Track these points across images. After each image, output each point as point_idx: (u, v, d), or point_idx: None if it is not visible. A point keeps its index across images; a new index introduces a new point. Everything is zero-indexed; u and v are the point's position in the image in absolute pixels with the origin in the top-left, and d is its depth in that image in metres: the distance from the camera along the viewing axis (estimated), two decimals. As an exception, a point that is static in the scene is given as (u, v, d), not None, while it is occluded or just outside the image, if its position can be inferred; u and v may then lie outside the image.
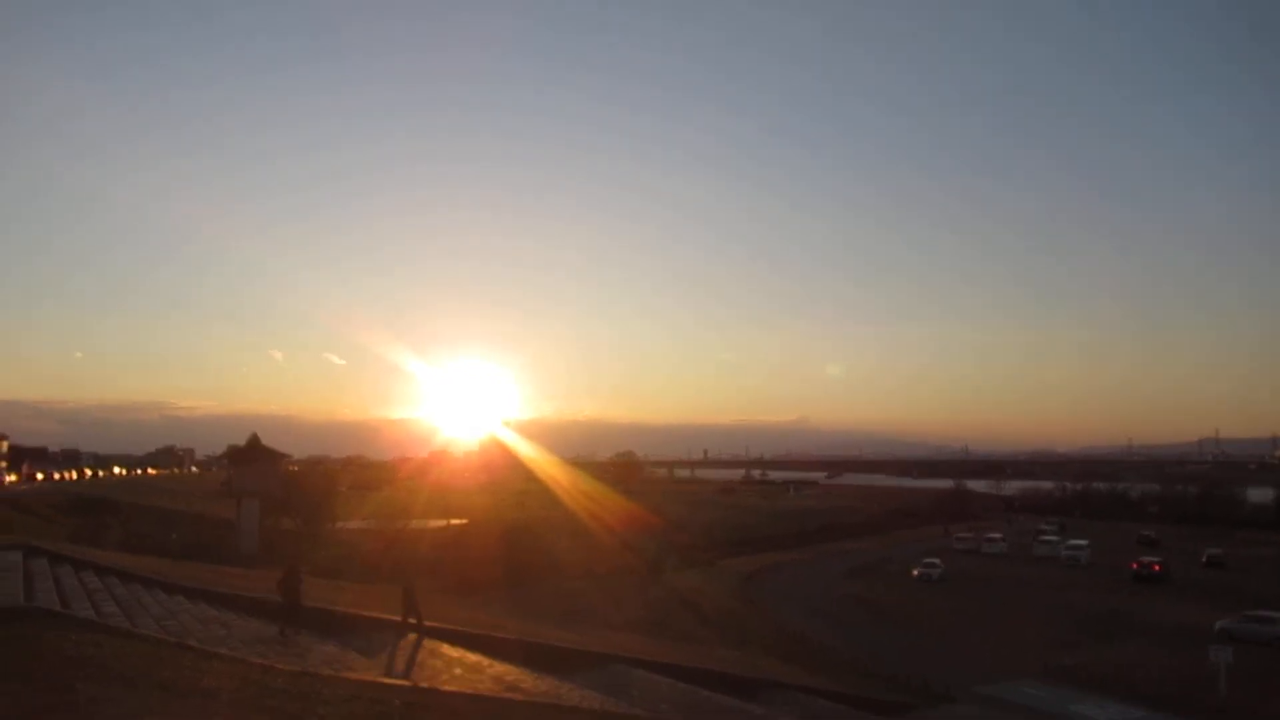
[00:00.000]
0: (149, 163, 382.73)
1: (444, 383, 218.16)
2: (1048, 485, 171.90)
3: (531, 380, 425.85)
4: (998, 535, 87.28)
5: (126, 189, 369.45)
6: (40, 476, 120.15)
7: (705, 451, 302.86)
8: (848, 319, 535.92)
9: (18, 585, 13.40)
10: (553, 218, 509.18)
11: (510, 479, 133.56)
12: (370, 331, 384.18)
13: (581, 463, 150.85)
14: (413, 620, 18.96)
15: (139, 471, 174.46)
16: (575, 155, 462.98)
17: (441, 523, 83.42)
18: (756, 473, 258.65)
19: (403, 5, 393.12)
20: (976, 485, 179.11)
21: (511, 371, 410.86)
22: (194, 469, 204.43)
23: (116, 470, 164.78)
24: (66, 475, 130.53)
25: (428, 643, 18.48)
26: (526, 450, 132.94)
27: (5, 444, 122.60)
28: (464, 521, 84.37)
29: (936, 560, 66.24)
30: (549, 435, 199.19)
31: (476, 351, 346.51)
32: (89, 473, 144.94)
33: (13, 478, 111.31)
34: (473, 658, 17.70)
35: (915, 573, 63.95)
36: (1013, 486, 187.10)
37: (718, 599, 55.69)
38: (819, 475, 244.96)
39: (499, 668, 17.09)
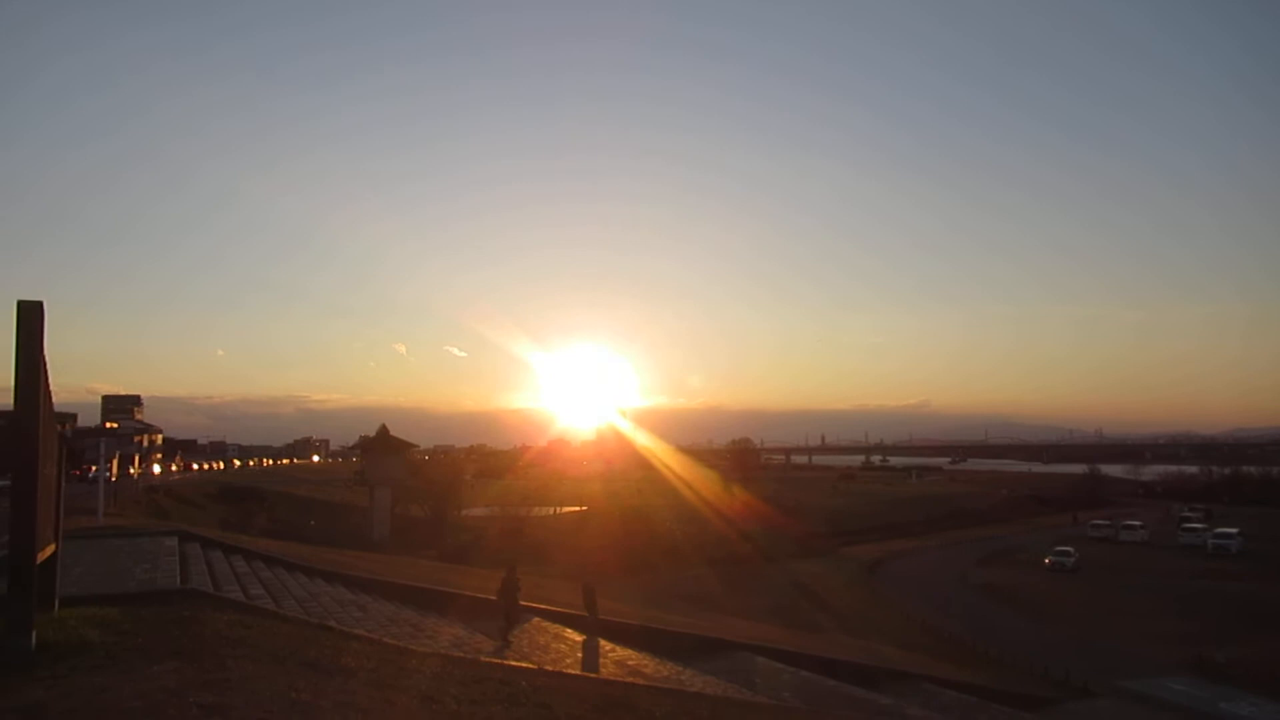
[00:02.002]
0: (279, 160, 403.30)
1: (561, 372, 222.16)
2: (1191, 470, 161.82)
3: (648, 368, 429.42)
4: (1137, 523, 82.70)
5: (256, 186, 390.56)
6: (195, 467, 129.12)
7: (823, 437, 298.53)
8: (966, 301, 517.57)
9: (175, 568, 14.34)
10: (669, 209, 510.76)
11: (626, 467, 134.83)
12: (489, 323, 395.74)
13: (697, 450, 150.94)
14: (592, 616, 19.07)
15: (280, 461, 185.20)
16: (696, 148, 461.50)
17: (562, 509, 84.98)
18: (877, 458, 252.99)
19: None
20: (1112, 470, 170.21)
21: (628, 360, 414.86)
22: (331, 459, 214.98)
23: (265, 461, 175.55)
24: (215, 465, 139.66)
25: (551, 626, 18.83)
26: (642, 438, 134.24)
27: (160, 437, 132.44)
28: (583, 509, 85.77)
29: (1070, 548, 63.42)
30: (664, 423, 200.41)
31: (593, 341, 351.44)
32: (235, 463, 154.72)
33: (173, 467, 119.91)
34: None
35: (1047, 561, 61.50)
36: (1152, 471, 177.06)
37: (839, 587, 54.96)
38: (942, 461, 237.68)
39: (621, 652, 17.30)
